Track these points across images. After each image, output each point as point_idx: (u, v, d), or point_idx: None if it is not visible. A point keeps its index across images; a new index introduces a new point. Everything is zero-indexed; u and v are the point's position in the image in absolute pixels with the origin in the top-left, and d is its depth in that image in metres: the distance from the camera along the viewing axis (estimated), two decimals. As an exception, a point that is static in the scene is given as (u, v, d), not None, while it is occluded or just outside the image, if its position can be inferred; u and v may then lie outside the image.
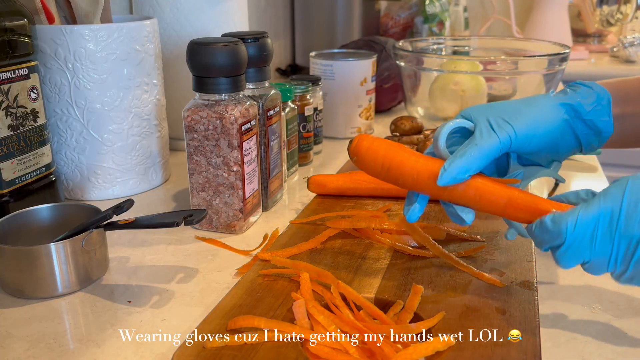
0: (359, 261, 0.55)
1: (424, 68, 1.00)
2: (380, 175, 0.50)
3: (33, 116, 0.62)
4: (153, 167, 0.77)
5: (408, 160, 0.48)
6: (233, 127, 0.60)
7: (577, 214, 0.42)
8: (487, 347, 0.42)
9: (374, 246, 0.58)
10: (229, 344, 0.42)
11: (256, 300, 0.48)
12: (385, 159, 0.49)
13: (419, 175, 0.48)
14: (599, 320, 0.47)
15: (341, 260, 0.56)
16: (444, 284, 0.51)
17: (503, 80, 1.07)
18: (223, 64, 0.59)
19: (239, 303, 0.48)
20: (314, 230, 0.62)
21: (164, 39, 0.86)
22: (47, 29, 0.67)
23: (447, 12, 1.64)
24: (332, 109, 0.98)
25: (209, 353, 0.41)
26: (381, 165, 0.49)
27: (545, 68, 0.95)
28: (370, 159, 0.49)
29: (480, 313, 0.46)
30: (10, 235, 0.54)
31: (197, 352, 0.41)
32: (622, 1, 1.87)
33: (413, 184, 0.48)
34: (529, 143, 0.49)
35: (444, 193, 0.47)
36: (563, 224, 0.42)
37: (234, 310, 0.47)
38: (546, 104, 0.50)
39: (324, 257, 0.56)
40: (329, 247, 0.58)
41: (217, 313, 0.46)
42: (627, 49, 1.75)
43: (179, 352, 0.42)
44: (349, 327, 0.44)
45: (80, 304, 0.51)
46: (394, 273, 0.53)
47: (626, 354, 0.44)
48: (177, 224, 0.50)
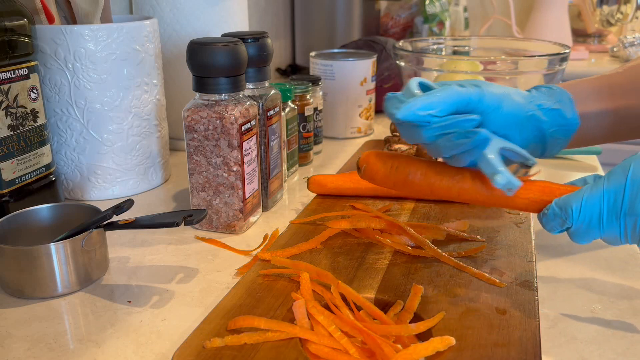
0: (359, 261, 0.55)
1: (424, 68, 1.00)
2: (390, 178, 0.51)
3: (33, 116, 0.62)
4: (153, 167, 0.77)
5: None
6: (233, 127, 0.60)
7: (581, 196, 0.44)
8: (487, 347, 0.42)
9: (374, 246, 0.58)
10: (229, 344, 0.42)
11: (256, 300, 0.48)
12: (394, 159, 0.51)
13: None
14: (599, 320, 0.47)
15: (341, 260, 0.56)
16: (444, 284, 0.51)
17: (503, 80, 1.07)
18: (223, 64, 0.59)
19: (238, 303, 0.48)
20: (314, 230, 0.62)
21: (164, 39, 0.86)
22: (47, 29, 0.67)
23: (447, 12, 1.64)
24: (332, 109, 0.98)
25: (209, 353, 0.41)
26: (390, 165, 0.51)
27: (545, 68, 0.95)
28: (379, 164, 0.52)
29: (480, 313, 0.46)
30: (10, 235, 0.54)
31: (197, 352, 0.41)
32: (622, 1, 1.87)
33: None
34: (495, 111, 0.49)
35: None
36: (569, 207, 0.44)
37: (234, 310, 0.47)
38: (516, 92, 0.51)
39: (324, 257, 0.56)
40: (329, 246, 0.58)
41: (217, 313, 0.46)
42: (627, 49, 1.75)
43: (178, 352, 0.42)
44: (349, 327, 0.44)
45: (80, 304, 0.51)
46: (394, 273, 0.53)
47: (626, 354, 0.44)
48: (177, 224, 0.50)
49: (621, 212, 0.42)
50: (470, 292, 0.49)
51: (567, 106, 0.51)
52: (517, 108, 0.50)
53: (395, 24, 1.61)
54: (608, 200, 0.43)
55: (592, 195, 0.44)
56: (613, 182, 0.43)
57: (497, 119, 0.49)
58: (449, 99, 0.47)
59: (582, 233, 0.45)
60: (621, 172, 0.43)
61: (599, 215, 0.43)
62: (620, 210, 0.42)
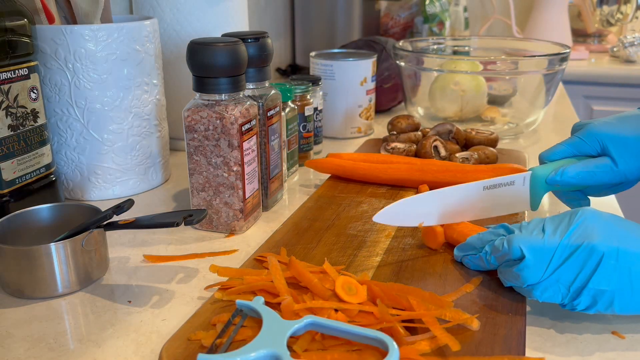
0: (350, 258, 0.56)
1: (424, 68, 1.00)
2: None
3: (33, 116, 0.62)
4: (153, 167, 0.77)
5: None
6: (233, 127, 0.60)
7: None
8: (472, 345, 0.43)
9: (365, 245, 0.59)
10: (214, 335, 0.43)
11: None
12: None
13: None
14: (599, 320, 0.47)
15: (333, 256, 0.56)
16: (433, 282, 0.52)
17: (503, 80, 1.07)
18: (223, 64, 0.59)
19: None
20: (309, 226, 0.63)
21: (164, 39, 0.86)
22: (47, 29, 0.67)
23: (447, 12, 1.64)
24: (332, 109, 0.98)
25: (195, 345, 0.43)
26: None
27: (545, 68, 0.95)
28: None
29: (467, 310, 0.46)
30: (10, 235, 0.54)
31: (185, 344, 0.43)
32: (622, 1, 1.87)
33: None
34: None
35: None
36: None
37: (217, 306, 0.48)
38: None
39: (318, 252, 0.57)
40: (322, 243, 0.59)
41: (207, 307, 0.48)
42: (627, 49, 1.75)
43: (167, 344, 0.43)
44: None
45: (80, 304, 0.51)
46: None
47: (626, 354, 0.44)
48: (177, 224, 0.50)
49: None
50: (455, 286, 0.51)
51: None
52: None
53: (395, 24, 1.61)
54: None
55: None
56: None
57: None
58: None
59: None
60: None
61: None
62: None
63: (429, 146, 0.81)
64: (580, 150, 0.57)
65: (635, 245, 0.44)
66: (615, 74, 1.68)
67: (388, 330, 0.42)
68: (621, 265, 0.43)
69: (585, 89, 1.70)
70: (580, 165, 0.56)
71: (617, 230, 0.45)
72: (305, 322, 0.41)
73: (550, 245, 0.45)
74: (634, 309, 0.44)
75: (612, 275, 0.43)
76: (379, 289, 0.46)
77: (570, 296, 0.45)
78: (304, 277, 0.48)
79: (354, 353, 0.40)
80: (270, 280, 0.49)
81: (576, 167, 0.56)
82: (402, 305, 0.45)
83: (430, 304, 0.45)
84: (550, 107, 1.24)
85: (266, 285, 0.48)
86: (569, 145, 0.58)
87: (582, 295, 0.44)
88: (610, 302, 0.44)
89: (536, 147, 0.95)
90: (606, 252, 0.43)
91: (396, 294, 0.46)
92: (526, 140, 1.00)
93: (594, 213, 0.46)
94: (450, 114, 1.04)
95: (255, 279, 0.50)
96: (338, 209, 0.68)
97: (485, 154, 0.80)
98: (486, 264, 0.51)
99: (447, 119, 1.04)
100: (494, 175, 0.69)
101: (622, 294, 0.44)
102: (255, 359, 0.38)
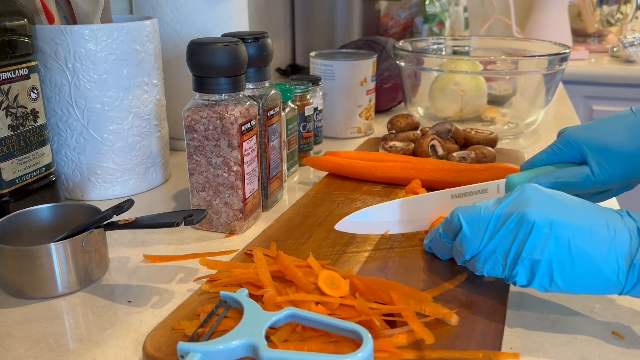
0: (337, 256, 0.57)
1: (424, 68, 1.00)
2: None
3: (33, 116, 0.62)
4: (153, 167, 0.77)
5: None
6: (233, 127, 0.60)
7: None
8: (449, 339, 0.43)
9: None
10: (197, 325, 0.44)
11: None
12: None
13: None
14: (599, 320, 0.47)
15: (322, 252, 0.57)
16: (417, 278, 0.52)
17: (503, 80, 1.07)
18: (223, 64, 0.59)
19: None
20: (301, 222, 0.63)
21: (164, 39, 0.86)
22: (47, 29, 0.67)
23: (447, 12, 1.64)
24: (332, 109, 0.98)
25: (179, 334, 0.44)
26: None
27: (545, 68, 0.95)
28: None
29: (449, 306, 0.47)
30: (10, 235, 0.54)
31: (169, 334, 0.44)
32: (622, 1, 1.87)
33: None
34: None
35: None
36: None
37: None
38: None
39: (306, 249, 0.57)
40: (312, 239, 0.59)
41: (193, 298, 0.49)
42: (627, 49, 1.75)
43: (152, 333, 0.44)
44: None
45: (80, 304, 0.51)
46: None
47: (626, 354, 0.44)
48: (177, 224, 0.50)
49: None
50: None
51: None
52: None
53: (395, 24, 1.61)
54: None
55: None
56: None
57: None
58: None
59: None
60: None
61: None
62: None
63: (427, 145, 0.81)
64: (561, 158, 0.55)
65: (575, 218, 0.43)
66: (615, 74, 1.68)
67: (367, 323, 0.43)
68: (557, 235, 0.42)
69: (585, 89, 1.70)
70: (555, 175, 0.54)
71: (556, 203, 0.44)
72: (285, 313, 0.42)
73: (485, 215, 0.46)
74: (580, 285, 0.43)
75: (546, 244, 0.42)
76: (361, 283, 0.47)
77: (508, 267, 0.45)
78: (288, 270, 0.49)
79: (331, 344, 0.41)
80: (256, 274, 0.49)
81: (550, 177, 0.54)
82: (384, 299, 0.46)
83: (410, 298, 0.46)
84: (550, 107, 1.24)
85: (252, 278, 0.49)
86: (549, 154, 0.56)
87: (518, 265, 0.44)
88: (550, 274, 0.43)
89: (536, 147, 0.95)
90: (538, 220, 0.43)
91: (378, 288, 0.47)
92: (526, 140, 1.00)
93: (534, 188, 0.46)
94: (450, 114, 1.04)
95: (242, 271, 0.50)
96: (332, 206, 0.68)
97: (483, 153, 0.80)
98: (442, 244, 0.52)
99: (447, 119, 1.04)
100: (488, 174, 0.69)
101: (562, 266, 0.42)
102: (234, 348, 0.39)
